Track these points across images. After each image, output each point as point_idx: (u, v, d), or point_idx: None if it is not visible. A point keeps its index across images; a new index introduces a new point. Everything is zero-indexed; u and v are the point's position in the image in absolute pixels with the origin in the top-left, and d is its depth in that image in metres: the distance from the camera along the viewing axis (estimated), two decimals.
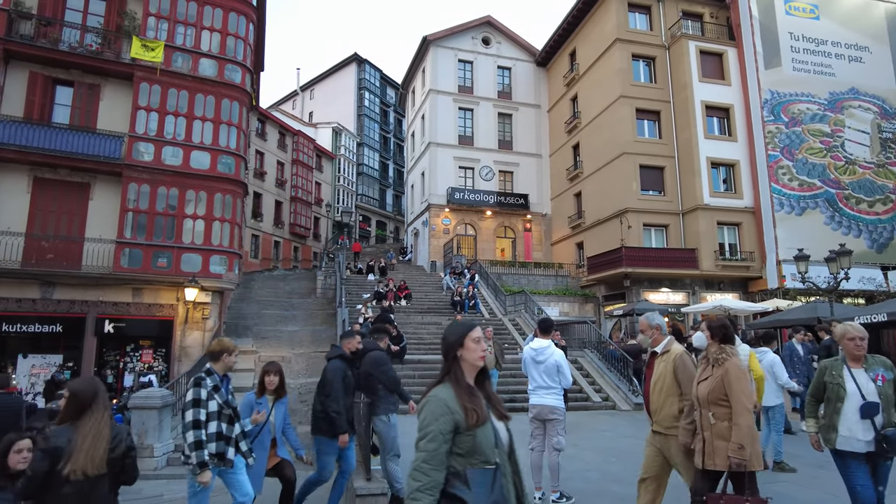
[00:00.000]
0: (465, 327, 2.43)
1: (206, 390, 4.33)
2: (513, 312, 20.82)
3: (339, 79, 50.33)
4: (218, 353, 4.52)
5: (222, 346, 4.54)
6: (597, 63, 27.70)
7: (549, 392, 6.01)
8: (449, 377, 2.32)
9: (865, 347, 4.11)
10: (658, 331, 4.68)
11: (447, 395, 2.20)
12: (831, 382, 4.17)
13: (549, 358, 6.02)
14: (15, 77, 15.23)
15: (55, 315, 14.97)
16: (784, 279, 22.60)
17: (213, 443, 4.29)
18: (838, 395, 4.08)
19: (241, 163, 17.51)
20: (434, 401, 2.18)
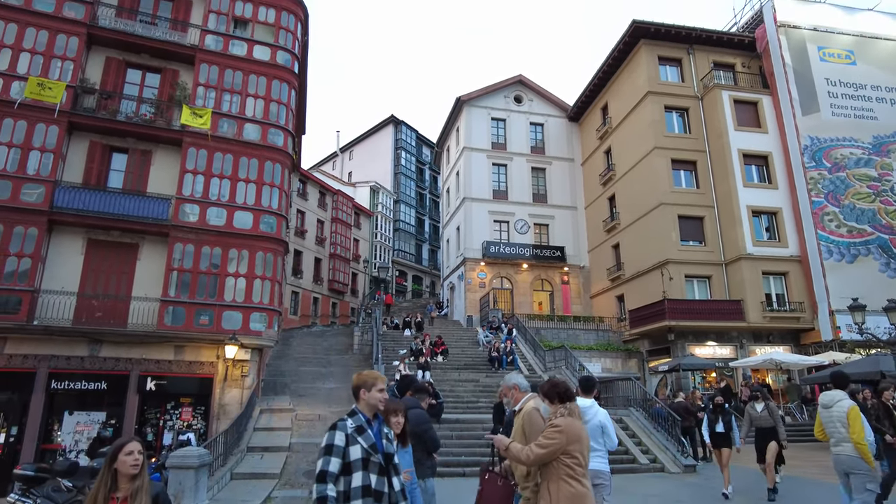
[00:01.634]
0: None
1: (346, 433, 3.49)
2: (553, 369, 20.27)
3: (377, 140, 52.10)
4: (356, 389, 3.72)
5: (360, 380, 3.72)
6: (629, 116, 27.90)
7: (594, 454, 5.69)
8: None
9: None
10: (516, 390, 4.60)
11: None
12: None
13: (594, 418, 5.73)
14: (77, 146, 16.30)
15: (101, 372, 15.32)
16: (839, 330, 21.43)
17: (359, 500, 3.35)
18: None
19: (282, 222, 18.03)
20: None
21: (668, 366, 21.35)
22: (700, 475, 11.70)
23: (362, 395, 3.69)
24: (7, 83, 15.52)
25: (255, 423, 15.60)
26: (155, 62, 17.77)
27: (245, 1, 18.98)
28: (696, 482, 10.93)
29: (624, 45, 27.74)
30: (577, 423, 3.76)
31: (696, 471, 12.01)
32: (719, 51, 27.43)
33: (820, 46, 26.07)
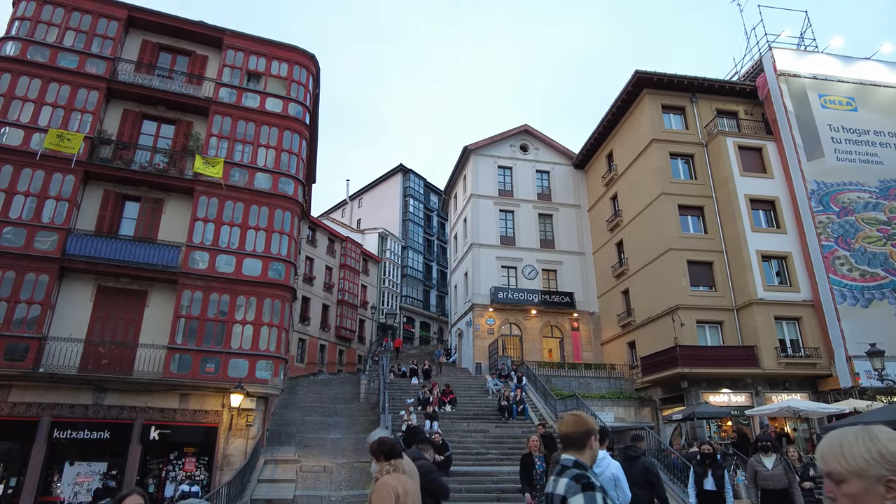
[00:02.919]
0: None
1: (602, 495, 2.74)
2: None
3: (386, 188, 52.90)
4: (584, 437, 2.95)
5: (588, 426, 3.00)
6: (635, 163, 28.21)
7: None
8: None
9: None
10: (380, 452, 4.21)
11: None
12: None
13: (606, 470, 5.52)
14: (91, 194, 16.65)
15: (104, 421, 15.12)
16: (858, 377, 20.85)
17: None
18: None
19: (290, 269, 18.11)
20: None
21: (683, 414, 20.74)
22: None
23: (591, 443, 2.99)
24: (28, 135, 16.02)
25: (258, 475, 15.22)
26: (170, 114, 18.33)
27: (259, 55, 19.71)
28: None
29: (627, 95, 28.34)
30: (401, 478, 3.77)
31: None
32: (722, 98, 27.93)
33: (821, 94, 26.50)
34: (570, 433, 2.94)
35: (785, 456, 7.86)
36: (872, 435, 1.49)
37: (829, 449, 1.53)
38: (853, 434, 1.51)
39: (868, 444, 1.46)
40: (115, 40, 17.95)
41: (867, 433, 1.50)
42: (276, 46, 20.14)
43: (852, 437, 1.50)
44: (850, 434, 1.51)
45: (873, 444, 1.46)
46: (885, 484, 1.41)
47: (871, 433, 1.50)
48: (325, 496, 14.33)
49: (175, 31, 19.18)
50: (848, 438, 1.50)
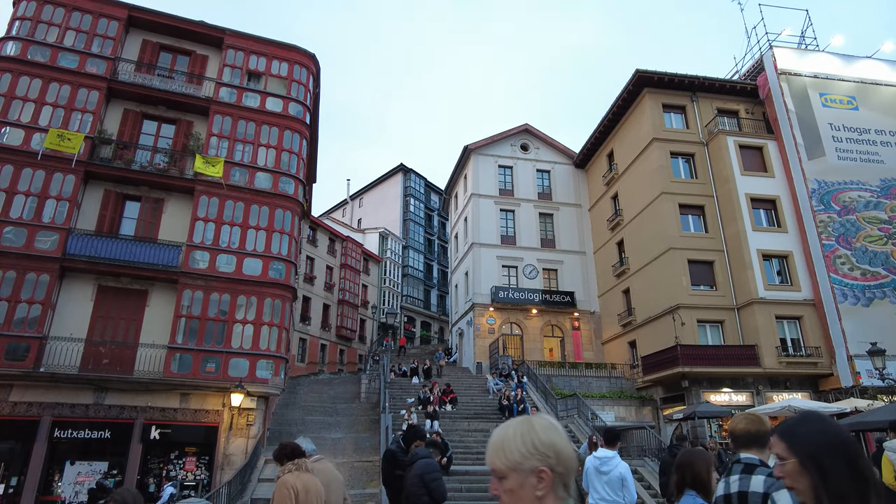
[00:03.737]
0: None
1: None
2: (565, 418, 19.77)
3: (386, 187, 52.89)
4: (765, 437, 2.80)
5: (768, 426, 2.91)
6: (635, 162, 28.19)
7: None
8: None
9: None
10: (282, 456, 4.31)
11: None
12: None
13: (614, 469, 5.65)
14: (92, 194, 16.66)
15: (105, 421, 15.14)
16: (859, 376, 20.82)
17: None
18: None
19: (291, 268, 18.11)
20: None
21: (683, 413, 20.71)
22: None
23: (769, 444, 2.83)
24: (29, 135, 16.04)
25: (259, 474, 15.23)
26: (170, 114, 18.34)
27: (259, 55, 19.71)
28: None
29: (628, 94, 28.31)
30: (302, 475, 3.79)
31: None
32: (722, 98, 27.89)
33: (822, 93, 26.45)
34: (753, 431, 2.87)
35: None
36: (530, 426, 1.47)
37: (491, 445, 1.50)
38: (514, 428, 1.48)
39: (525, 436, 1.44)
40: (116, 40, 17.96)
41: (526, 425, 1.48)
42: (277, 46, 20.14)
43: (512, 431, 1.47)
44: (512, 428, 1.49)
45: (529, 435, 1.44)
46: (536, 474, 1.41)
47: (530, 424, 1.48)
48: None
49: (175, 31, 19.19)
50: (508, 433, 1.47)
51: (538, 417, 1.52)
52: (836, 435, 1.57)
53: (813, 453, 1.55)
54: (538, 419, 1.51)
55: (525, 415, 1.51)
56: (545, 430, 1.46)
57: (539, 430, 1.46)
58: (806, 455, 1.56)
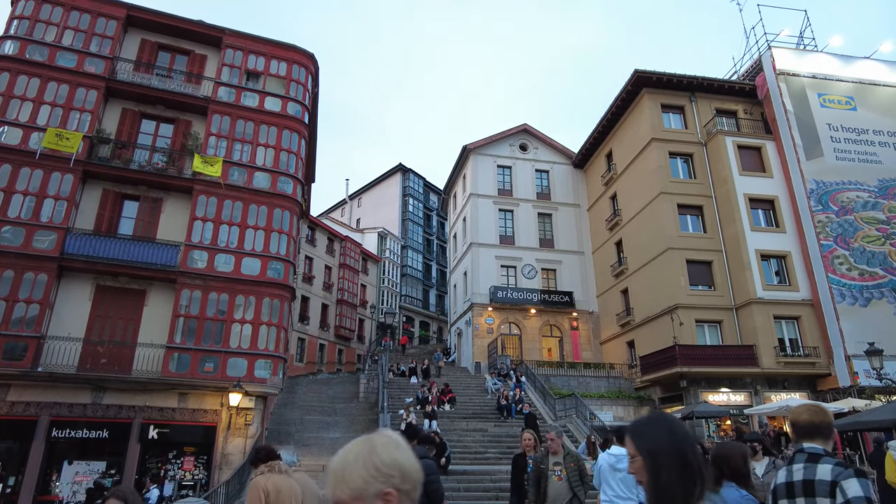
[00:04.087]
0: None
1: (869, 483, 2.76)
2: (563, 418, 19.78)
3: (385, 187, 52.89)
4: (829, 428, 2.95)
5: (831, 417, 3.04)
6: (634, 162, 28.21)
7: (626, 503, 5.64)
8: None
9: None
10: (256, 459, 4.38)
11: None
12: None
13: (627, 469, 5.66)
14: (90, 194, 16.64)
15: (103, 420, 15.12)
16: (857, 376, 20.86)
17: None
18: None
19: (289, 268, 18.10)
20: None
21: (682, 413, 20.73)
22: None
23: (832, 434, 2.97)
24: (27, 134, 16.02)
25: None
26: (169, 113, 18.32)
27: (258, 55, 19.70)
28: None
29: (627, 94, 28.33)
30: (274, 477, 3.79)
31: None
32: (721, 98, 27.93)
33: (820, 93, 26.50)
34: (817, 422, 2.91)
35: (777, 460, 6.44)
36: (371, 447, 1.38)
37: (332, 474, 1.39)
38: (354, 452, 1.38)
39: (366, 459, 1.35)
40: (114, 39, 17.93)
41: (366, 446, 1.39)
42: (275, 46, 20.13)
43: (353, 456, 1.37)
44: (352, 452, 1.38)
45: (370, 458, 1.36)
46: (382, 498, 1.33)
47: (370, 445, 1.39)
48: (323, 495, 14.32)
49: (174, 31, 19.17)
50: (349, 458, 1.37)
51: (379, 435, 1.43)
52: (673, 435, 1.67)
53: (651, 451, 1.66)
54: (379, 437, 1.42)
55: (367, 435, 1.42)
56: (387, 448, 1.39)
57: (381, 449, 1.38)
58: (646, 452, 1.66)
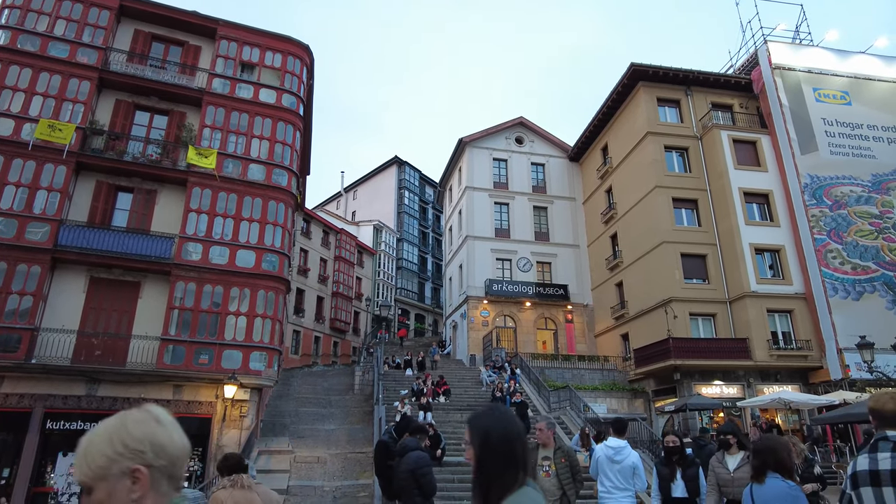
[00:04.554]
0: None
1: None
2: (557, 409, 19.89)
3: (381, 180, 52.77)
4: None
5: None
6: (630, 156, 28.24)
7: (626, 495, 5.79)
8: None
9: None
10: (223, 468, 4.46)
11: None
12: None
13: (627, 459, 5.86)
14: (83, 186, 16.55)
15: (98, 412, 15.09)
16: (848, 369, 21.06)
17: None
18: None
19: (284, 261, 18.08)
20: None
21: (675, 406, 20.91)
22: None
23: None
24: (19, 125, 15.88)
25: (253, 465, 15.25)
26: (163, 104, 18.20)
27: (252, 46, 19.56)
28: None
29: (623, 87, 28.31)
30: (235, 492, 3.81)
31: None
32: (717, 92, 27.95)
33: (815, 87, 26.55)
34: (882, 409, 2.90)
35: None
36: (122, 423, 1.27)
37: (77, 455, 1.26)
38: (102, 429, 1.26)
39: (113, 437, 1.24)
40: (107, 30, 17.77)
41: (117, 423, 1.28)
42: (270, 37, 19.99)
43: (100, 434, 1.25)
44: (100, 430, 1.26)
45: (119, 434, 1.24)
46: (130, 475, 1.22)
47: (122, 421, 1.28)
48: (318, 486, 14.39)
49: (168, 21, 19.00)
50: (94, 438, 1.25)
51: (136, 411, 1.32)
52: (503, 427, 1.80)
53: (482, 440, 1.78)
54: (134, 413, 1.31)
55: (124, 411, 1.30)
56: (139, 423, 1.28)
57: (131, 425, 1.27)
58: (478, 441, 1.79)
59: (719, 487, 5.40)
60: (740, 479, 5.12)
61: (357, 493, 13.91)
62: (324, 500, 13.70)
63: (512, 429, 1.81)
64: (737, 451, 5.58)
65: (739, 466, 5.38)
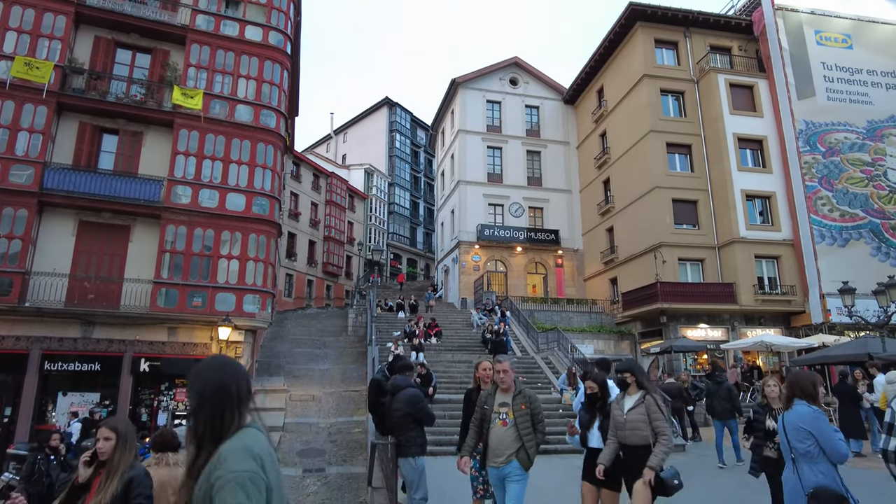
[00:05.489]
0: None
1: None
2: (545, 350, 20.43)
3: (371, 122, 51.75)
4: None
5: None
6: (625, 99, 27.79)
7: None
8: None
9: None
10: (154, 444, 4.26)
11: None
12: None
13: (613, 397, 6.03)
14: (66, 127, 16.13)
15: (94, 354, 15.35)
16: (829, 313, 21.66)
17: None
18: None
19: (275, 204, 17.96)
20: None
21: (660, 347, 21.55)
22: (689, 454, 11.90)
23: None
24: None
25: None
26: (144, 42, 17.52)
27: None
28: (686, 460, 11.10)
29: (620, 28, 27.52)
30: (161, 470, 3.81)
31: (685, 450, 12.21)
32: (716, 34, 27.25)
33: (817, 30, 25.93)
34: None
35: (652, 395, 4.89)
36: None
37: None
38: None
39: None
40: None
41: None
42: None
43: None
44: None
45: None
46: None
47: None
48: (314, 423, 14.90)
49: None
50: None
51: None
52: (215, 376, 1.86)
53: (195, 393, 1.85)
54: None
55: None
56: None
57: None
58: (196, 389, 1.85)
59: (616, 432, 4.85)
60: (633, 421, 4.72)
61: (351, 429, 14.43)
62: (319, 435, 14.21)
63: (227, 373, 1.87)
64: (635, 391, 4.95)
65: (633, 407, 4.79)
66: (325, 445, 13.64)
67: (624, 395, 5.02)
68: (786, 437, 3.90)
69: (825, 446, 3.66)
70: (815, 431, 3.69)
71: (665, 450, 4.52)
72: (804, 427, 3.76)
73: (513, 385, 4.91)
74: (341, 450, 13.34)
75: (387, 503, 6.64)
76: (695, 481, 9.04)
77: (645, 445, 4.59)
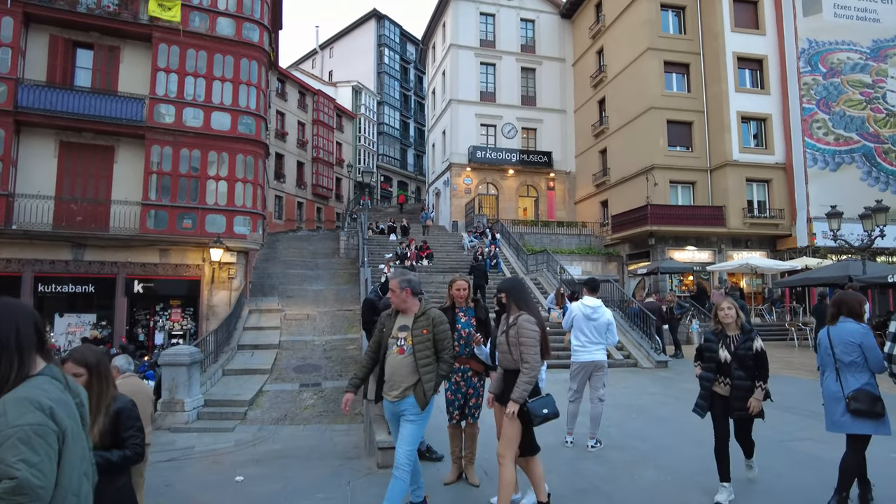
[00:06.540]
0: None
1: None
2: (535, 272, 20.77)
3: (358, 36, 49.44)
4: None
5: None
6: (624, 13, 26.60)
7: (599, 348, 6.29)
8: None
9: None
10: (116, 372, 4.12)
11: None
12: None
13: (602, 317, 6.30)
14: (36, 41, 15.30)
15: (87, 276, 15.43)
16: (815, 237, 22.00)
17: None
18: None
19: (261, 123, 17.48)
20: None
21: (647, 269, 21.95)
22: (671, 370, 12.43)
23: None
24: None
25: (244, 323, 16.05)
26: None
27: None
28: (667, 376, 11.63)
29: None
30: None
31: (667, 366, 12.74)
32: None
33: None
34: None
35: (527, 318, 4.07)
36: None
37: None
38: None
39: None
40: None
41: None
42: None
43: None
44: None
45: None
46: None
47: None
48: (308, 340, 15.33)
49: None
50: None
51: None
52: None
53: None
54: None
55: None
56: None
57: None
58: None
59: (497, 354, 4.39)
60: (502, 343, 4.12)
61: (346, 346, 14.88)
62: (314, 352, 14.66)
63: (6, 317, 1.72)
64: (515, 312, 4.15)
65: (505, 330, 4.14)
66: (321, 361, 14.11)
67: (508, 317, 4.20)
68: (831, 349, 4.38)
69: (870, 357, 4.19)
70: (864, 345, 4.18)
71: (527, 380, 3.86)
72: (853, 341, 4.22)
73: (412, 305, 4.12)
74: (336, 365, 13.82)
75: (380, 412, 6.95)
76: (674, 397, 9.53)
77: (515, 370, 3.98)
